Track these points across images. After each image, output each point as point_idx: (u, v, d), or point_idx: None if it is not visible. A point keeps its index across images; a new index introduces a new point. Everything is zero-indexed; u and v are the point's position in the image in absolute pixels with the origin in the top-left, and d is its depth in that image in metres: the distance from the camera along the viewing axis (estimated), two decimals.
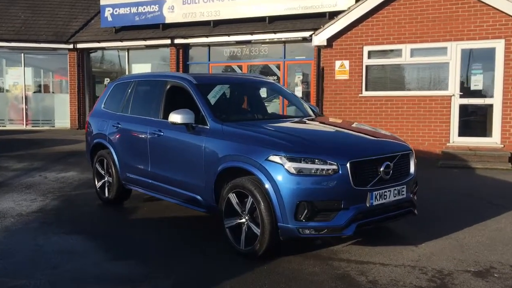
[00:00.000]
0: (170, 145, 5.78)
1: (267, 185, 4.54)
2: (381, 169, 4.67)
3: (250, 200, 4.71)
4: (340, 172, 4.44)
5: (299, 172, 4.45)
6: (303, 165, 4.46)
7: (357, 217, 4.52)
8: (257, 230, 4.68)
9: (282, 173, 4.47)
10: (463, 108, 11.05)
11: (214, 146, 5.17)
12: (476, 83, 10.88)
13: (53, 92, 18.70)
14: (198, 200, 5.42)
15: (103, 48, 17.57)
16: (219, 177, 5.09)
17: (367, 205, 4.56)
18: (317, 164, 4.45)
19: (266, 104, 7.51)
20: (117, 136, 6.77)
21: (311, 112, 6.46)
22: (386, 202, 4.72)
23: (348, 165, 4.46)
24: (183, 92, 5.91)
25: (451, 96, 10.93)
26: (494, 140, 10.80)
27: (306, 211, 4.44)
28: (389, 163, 4.74)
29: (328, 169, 4.45)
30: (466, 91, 11.00)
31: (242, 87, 6.68)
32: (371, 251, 4.99)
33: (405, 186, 4.90)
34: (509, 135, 10.59)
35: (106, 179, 7.14)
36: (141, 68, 16.95)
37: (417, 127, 11.20)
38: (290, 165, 4.46)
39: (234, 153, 4.91)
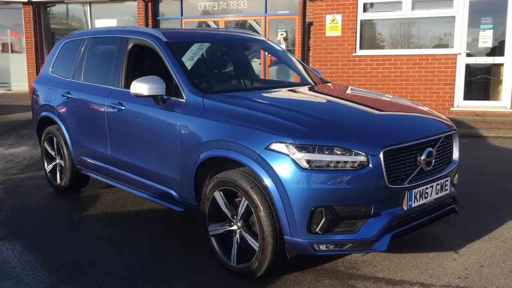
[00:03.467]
0: (134, 123, 4.42)
1: (269, 184, 3.26)
2: (422, 157, 3.43)
3: (244, 202, 3.43)
4: (370, 165, 3.18)
5: (314, 166, 3.17)
6: (318, 156, 3.18)
7: (391, 225, 3.29)
8: (254, 244, 3.43)
9: (289, 167, 3.18)
10: (469, 69, 9.86)
11: (192, 126, 3.84)
12: (485, 39, 9.65)
13: (11, 51, 16.79)
14: (172, 196, 4.12)
15: (61, 1, 15.68)
16: (201, 168, 3.79)
17: (405, 208, 3.34)
18: (339, 154, 3.18)
19: None
20: (68, 109, 5.35)
21: (313, 79, 5.12)
22: (427, 201, 3.50)
23: (381, 155, 3.20)
24: (150, 53, 4.51)
25: (456, 55, 9.70)
26: (503, 104, 9.70)
27: (323, 220, 3.19)
28: (431, 149, 3.49)
29: (353, 162, 3.18)
30: (473, 49, 9.78)
31: (226, 47, 5.27)
32: (401, 262, 3.81)
33: (448, 178, 3.68)
34: None
35: (57, 161, 5.75)
36: (105, 24, 15.17)
37: (417, 90, 9.99)
38: (300, 156, 3.17)
39: (221, 137, 3.59)
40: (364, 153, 3.18)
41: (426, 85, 9.92)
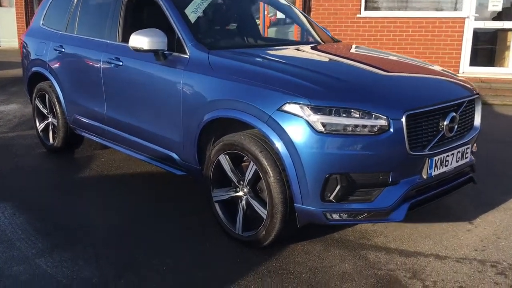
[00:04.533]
0: (132, 80, 4.12)
1: (280, 148, 3.02)
2: (445, 123, 3.19)
3: (252, 166, 3.20)
4: (391, 130, 2.93)
5: (330, 130, 2.92)
6: (335, 119, 2.93)
7: (409, 194, 3.08)
8: (262, 211, 3.21)
9: (303, 130, 2.93)
10: (476, 33, 9.54)
11: (196, 85, 3.56)
12: (495, 3, 9.29)
13: (0, 6, 16.17)
14: (173, 159, 3.88)
15: None
16: (204, 130, 3.53)
17: (424, 177, 3.12)
18: (357, 118, 2.93)
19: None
20: (61, 64, 5.03)
21: (322, 37, 4.82)
22: (447, 170, 3.28)
23: (403, 119, 2.96)
24: (149, 4, 4.18)
25: (464, 18, 9.36)
26: (509, 71, 9.43)
27: (338, 187, 2.97)
28: (454, 114, 3.25)
29: (373, 126, 2.93)
30: (482, 12, 9.43)
31: (232, 0, 4.92)
32: (413, 232, 3.62)
33: (469, 145, 3.46)
34: None
35: (50, 120, 5.47)
36: None
37: (422, 54, 9.67)
38: (316, 119, 2.92)
39: (228, 96, 3.32)
40: (385, 117, 2.93)
41: (431, 50, 9.61)
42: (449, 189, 3.38)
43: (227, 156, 3.37)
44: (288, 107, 2.98)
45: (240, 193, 3.38)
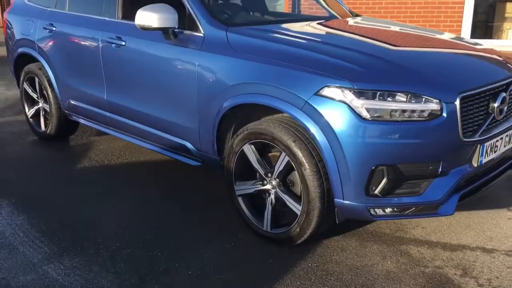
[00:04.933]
0: (138, 62, 3.73)
1: (318, 137, 2.69)
2: (496, 104, 2.89)
3: (284, 158, 2.87)
4: (444, 114, 2.63)
5: (376, 116, 2.60)
6: (382, 103, 2.61)
7: (459, 185, 2.79)
8: (295, 206, 2.91)
9: (346, 117, 2.61)
10: (476, 4, 9.23)
11: (215, 67, 3.19)
12: None
13: None
14: (187, 148, 3.53)
15: None
16: (224, 117, 3.18)
17: (475, 165, 2.83)
18: (405, 101, 2.61)
19: None
20: (52, 44, 4.59)
21: (337, 12, 4.46)
22: (496, 156, 3.01)
23: (457, 102, 2.65)
24: None
25: None
26: (510, 43, 9.18)
27: (384, 180, 2.67)
28: (504, 94, 2.96)
29: (423, 110, 2.62)
30: None
31: None
32: (452, 222, 3.37)
33: None
34: None
35: (40, 105, 5.04)
36: None
37: (422, 27, 9.34)
38: (360, 104, 2.60)
39: (254, 80, 2.97)
40: (437, 100, 2.62)
41: (432, 22, 9.28)
42: (495, 176, 3.11)
43: (252, 146, 3.04)
44: (328, 91, 2.65)
45: (268, 187, 3.06)
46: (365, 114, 2.59)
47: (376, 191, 2.69)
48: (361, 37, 3.55)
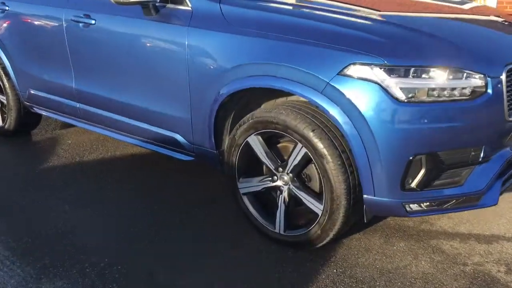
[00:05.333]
0: (112, 43, 3.20)
1: (344, 124, 2.28)
2: None
3: (300, 149, 2.45)
4: (489, 90, 2.25)
5: (413, 97, 2.20)
6: (418, 82, 2.22)
7: (501, 171, 2.45)
8: (315, 205, 2.51)
9: (378, 99, 2.20)
10: None
11: (209, 46, 2.71)
12: None
13: None
14: (177, 141, 3.06)
15: None
16: (223, 105, 2.72)
17: None
18: (446, 78, 2.22)
19: None
20: (6, 27, 3.98)
21: None
22: None
23: (503, 76, 2.28)
24: None
25: None
26: None
27: (423, 171, 2.30)
28: None
29: (465, 87, 2.24)
30: None
31: None
32: (478, 210, 3.02)
33: None
34: None
35: None
36: None
37: None
38: (393, 83, 2.19)
39: (260, 59, 2.51)
40: (480, 75, 2.24)
41: None
42: None
43: (259, 137, 2.61)
44: (354, 70, 2.23)
45: (279, 183, 2.64)
46: (400, 95, 2.19)
47: (413, 184, 2.31)
48: (386, 4, 3.08)
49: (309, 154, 2.41)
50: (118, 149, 4.10)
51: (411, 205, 2.36)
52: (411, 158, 2.24)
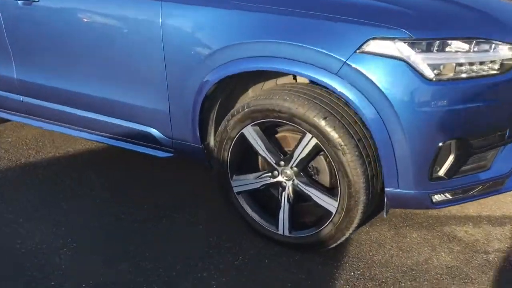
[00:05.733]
0: (63, 25, 2.69)
1: (365, 109, 1.98)
2: None
3: (308, 140, 2.13)
4: None
5: (441, 74, 1.93)
6: (445, 56, 1.94)
7: None
8: (326, 202, 2.22)
9: (405, 79, 1.92)
10: None
11: (189, 24, 2.31)
12: None
13: None
14: (152, 136, 2.65)
15: None
16: (209, 95, 2.35)
17: None
18: (471, 50, 1.95)
19: None
20: None
21: None
22: None
23: None
24: None
25: None
26: None
27: (452, 158, 2.06)
28: None
29: (494, 60, 2.00)
30: None
31: None
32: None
33: None
34: None
35: None
36: None
37: None
38: (420, 59, 1.91)
39: (258, 37, 2.15)
40: (510, 45, 2.00)
41: None
42: None
43: (257, 128, 2.26)
44: (374, 46, 1.92)
45: (281, 178, 2.31)
46: (428, 73, 1.91)
47: (441, 173, 2.07)
48: None
49: (321, 145, 2.10)
50: (70, 144, 3.59)
51: (438, 196, 2.11)
52: (441, 144, 1.98)
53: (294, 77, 2.45)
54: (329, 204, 2.19)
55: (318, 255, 2.34)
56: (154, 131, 2.62)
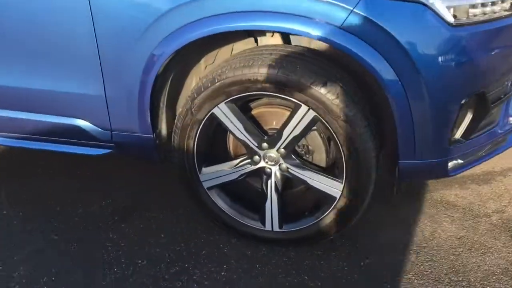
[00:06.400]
0: None
1: (379, 67, 1.60)
2: None
3: (304, 113, 1.72)
4: None
5: (459, 19, 1.61)
6: None
7: None
8: (327, 185, 1.83)
9: (425, 25, 1.58)
10: None
11: None
12: None
13: None
14: (82, 130, 2.04)
15: None
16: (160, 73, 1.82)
17: None
18: None
19: None
20: None
21: None
22: None
23: None
24: None
25: None
26: None
27: (470, 117, 1.79)
28: None
29: (505, 0, 1.73)
30: None
31: None
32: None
33: None
34: None
35: None
36: None
37: None
38: (440, 1, 1.56)
39: None
40: None
41: None
42: None
43: (233, 105, 1.79)
44: None
45: (263, 164, 1.88)
46: (449, 17, 1.58)
47: (458, 135, 1.78)
48: None
49: (321, 118, 1.70)
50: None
51: (453, 162, 1.83)
52: (464, 101, 1.68)
53: (256, 40, 2.01)
54: (331, 187, 1.82)
55: (316, 248, 1.97)
56: (82, 123, 2.02)
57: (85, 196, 2.34)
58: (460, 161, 1.87)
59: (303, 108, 1.71)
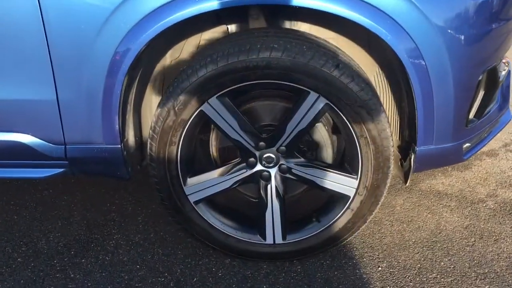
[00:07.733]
0: None
1: (398, 45, 1.41)
2: None
3: (314, 102, 1.47)
4: None
5: None
6: None
7: None
8: (342, 183, 1.60)
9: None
10: None
11: None
12: None
13: None
14: (25, 147, 1.62)
15: None
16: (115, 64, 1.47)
17: None
18: None
19: None
20: None
21: None
22: None
23: None
24: None
25: None
26: None
27: (482, 94, 1.68)
28: None
29: None
30: None
31: None
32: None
33: None
34: None
35: None
36: None
37: None
38: None
39: None
40: None
41: None
42: None
43: (226, 99, 1.50)
44: None
45: (260, 167, 1.61)
46: None
47: (471, 115, 1.64)
48: None
49: (333, 106, 1.47)
50: None
51: (467, 144, 1.69)
52: (480, 77, 1.54)
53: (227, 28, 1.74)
54: (345, 185, 1.59)
55: (322, 258, 1.73)
56: (27, 139, 1.60)
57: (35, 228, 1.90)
58: (468, 144, 1.73)
59: (312, 95, 1.46)
